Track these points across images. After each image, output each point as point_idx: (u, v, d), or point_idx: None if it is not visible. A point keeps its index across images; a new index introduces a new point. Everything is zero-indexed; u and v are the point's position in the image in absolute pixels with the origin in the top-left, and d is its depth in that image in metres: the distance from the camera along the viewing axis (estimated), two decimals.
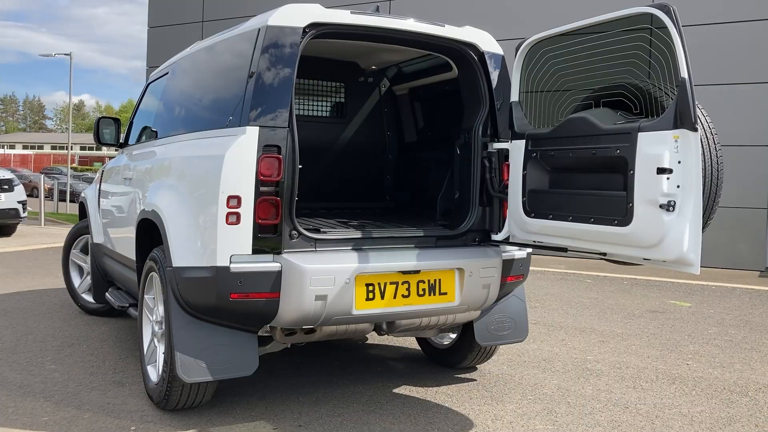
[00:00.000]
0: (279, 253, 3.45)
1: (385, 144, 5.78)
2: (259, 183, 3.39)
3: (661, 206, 2.96)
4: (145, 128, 5.31)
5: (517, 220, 3.85)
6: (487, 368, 4.88)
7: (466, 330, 4.48)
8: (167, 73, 4.99)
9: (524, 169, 3.78)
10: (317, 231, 3.70)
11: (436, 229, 4.10)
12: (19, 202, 12.92)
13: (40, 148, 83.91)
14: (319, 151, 5.44)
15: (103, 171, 6.06)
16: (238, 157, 3.37)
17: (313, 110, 5.58)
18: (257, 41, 3.53)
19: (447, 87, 4.92)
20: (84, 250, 6.45)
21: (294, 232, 3.51)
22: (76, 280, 6.51)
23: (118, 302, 5.02)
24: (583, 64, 3.56)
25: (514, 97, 3.95)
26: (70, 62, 25.92)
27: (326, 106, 5.66)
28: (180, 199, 3.76)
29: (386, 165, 5.77)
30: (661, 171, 2.95)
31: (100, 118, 5.60)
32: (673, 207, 2.94)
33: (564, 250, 3.63)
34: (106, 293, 5.57)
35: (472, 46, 4.14)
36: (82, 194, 6.53)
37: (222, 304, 3.40)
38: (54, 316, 6.25)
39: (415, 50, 4.53)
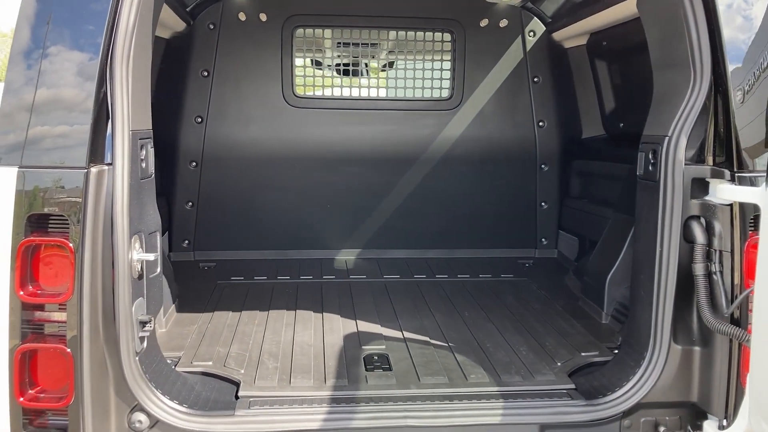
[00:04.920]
0: None
1: (535, 143, 3.49)
2: (19, 307, 1.54)
3: None
4: None
5: None
6: None
7: None
8: None
9: None
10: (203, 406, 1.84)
11: (550, 407, 2.09)
12: None
13: None
14: (403, 163, 3.35)
15: None
16: None
17: (381, 89, 3.38)
18: None
19: None
20: None
21: (138, 419, 1.70)
22: None
23: None
24: None
25: None
26: None
27: (414, 80, 3.40)
28: None
29: (539, 182, 3.51)
30: None
31: None
32: None
33: None
34: None
35: None
36: None
37: None
38: None
39: None
